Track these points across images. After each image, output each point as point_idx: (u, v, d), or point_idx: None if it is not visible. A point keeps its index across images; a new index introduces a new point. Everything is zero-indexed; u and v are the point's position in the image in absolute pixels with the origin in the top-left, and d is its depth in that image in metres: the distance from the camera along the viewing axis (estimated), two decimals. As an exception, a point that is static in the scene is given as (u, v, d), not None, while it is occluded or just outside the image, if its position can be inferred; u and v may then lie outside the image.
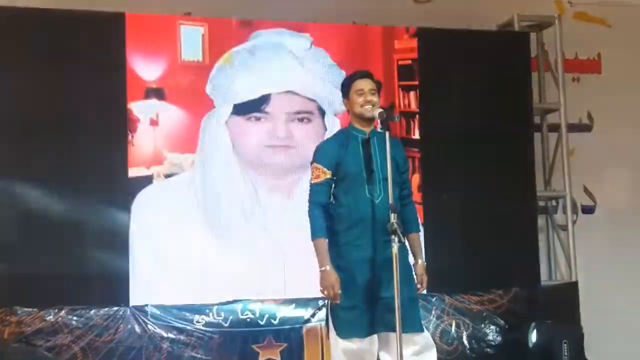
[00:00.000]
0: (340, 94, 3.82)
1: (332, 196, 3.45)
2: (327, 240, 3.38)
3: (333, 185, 3.44)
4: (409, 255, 3.48)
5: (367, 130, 3.45)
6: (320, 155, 3.49)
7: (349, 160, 3.42)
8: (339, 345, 3.36)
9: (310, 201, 3.44)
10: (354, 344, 3.33)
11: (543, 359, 4.90)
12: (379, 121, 3.38)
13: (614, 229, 5.75)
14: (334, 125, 4.95)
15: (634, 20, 5.86)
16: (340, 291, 3.30)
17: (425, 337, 3.41)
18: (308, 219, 3.43)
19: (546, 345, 4.91)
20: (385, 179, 3.30)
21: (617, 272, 5.59)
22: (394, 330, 3.14)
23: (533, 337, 4.92)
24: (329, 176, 3.42)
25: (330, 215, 3.42)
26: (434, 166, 5.14)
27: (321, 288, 3.34)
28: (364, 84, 3.45)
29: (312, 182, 3.46)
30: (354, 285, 3.34)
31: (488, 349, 5.00)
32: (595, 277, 5.50)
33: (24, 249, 4.41)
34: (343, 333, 3.32)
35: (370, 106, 3.40)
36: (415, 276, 3.43)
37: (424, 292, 3.51)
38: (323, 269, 3.33)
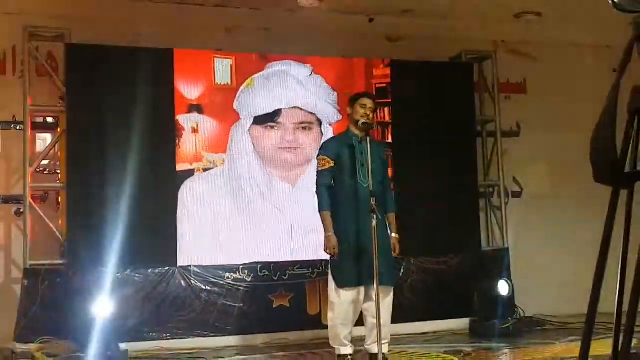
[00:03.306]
0: (332, 109, 4.56)
1: (332, 180, 3.87)
2: (330, 212, 3.81)
3: (333, 173, 3.85)
4: (387, 228, 3.83)
5: (360, 135, 3.88)
6: (326, 149, 3.92)
7: (345, 155, 3.85)
8: (339, 294, 3.73)
9: (317, 184, 3.86)
10: (348, 292, 3.75)
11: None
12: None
13: (536, 209, 6.23)
14: (328, 132, 5.42)
15: (552, 53, 6.34)
16: (338, 251, 3.73)
17: (390, 290, 3.79)
18: (316, 196, 3.84)
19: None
20: (371, 171, 3.67)
21: (538, 240, 6.11)
22: (374, 283, 3.54)
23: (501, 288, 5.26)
24: (332, 165, 3.84)
25: (331, 194, 3.84)
26: (402, 163, 5.55)
27: (325, 248, 3.79)
28: (368, 102, 3.91)
29: (319, 169, 3.86)
30: (348, 248, 3.79)
31: (444, 299, 5.51)
32: (522, 244, 6.06)
33: (102, 224, 4.87)
34: (340, 283, 3.76)
35: (366, 118, 3.86)
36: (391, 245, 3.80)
37: (399, 256, 3.95)
38: (328, 234, 3.77)
